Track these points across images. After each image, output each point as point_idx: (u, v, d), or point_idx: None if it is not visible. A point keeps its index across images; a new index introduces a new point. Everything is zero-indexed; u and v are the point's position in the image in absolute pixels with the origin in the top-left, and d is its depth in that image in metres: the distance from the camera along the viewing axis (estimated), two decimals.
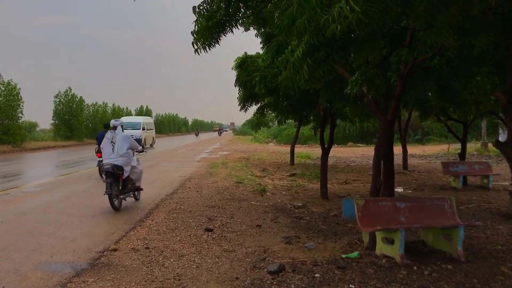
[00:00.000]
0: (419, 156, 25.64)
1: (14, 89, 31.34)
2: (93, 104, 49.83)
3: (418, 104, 12.21)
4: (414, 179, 15.10)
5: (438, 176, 15.81)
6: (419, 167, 19.20)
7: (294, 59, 4.07)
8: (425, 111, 13.78)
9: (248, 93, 12.50)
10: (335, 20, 3.00)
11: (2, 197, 10.45)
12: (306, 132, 39.02)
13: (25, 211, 8.67)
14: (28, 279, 4.91)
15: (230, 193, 11.02)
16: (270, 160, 22.74)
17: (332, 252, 6.00)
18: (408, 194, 11.66)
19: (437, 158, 23.75)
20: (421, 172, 17.44)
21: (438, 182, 14.37)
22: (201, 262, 5.56)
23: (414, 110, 17.01)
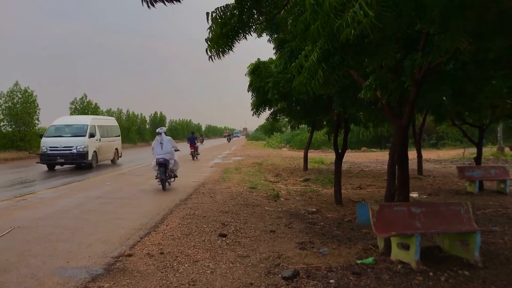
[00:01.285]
0: (434, 161, 25.39)
1: (30, 96, 31.82)
2: (108, 110, 50.37)
3: (433, 108, 12.11)
4: (429, 184, 14.95)
5: (453, 181, 15.64)
6: (434, 172, 19.01)
7: (309, 64, 4.07)
8: (439, 116, 13.66)
9: (261, 99, 12.54)
10: (349, 25, 3.00)
11: (19, 202, 10.60)
12: (319, 137, 38.92)
13: (42, 217, 8.77)
14: (45, 284, 4.97)
15: (244, 199, 11.03)
16: (283, 166, 22.71)
17: (347, 258, 5.96)
18: (423, 199, 11.55)
19: (452, 163, 23.50)
20: (436, 177, 17.27)
21: (454, 187, 14.22)
22: (215, 268, 5.57)
23: (428, 115, 16.88)
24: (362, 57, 4.25)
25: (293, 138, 50.05)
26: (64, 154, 19.71)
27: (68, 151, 19.66)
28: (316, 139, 38.02)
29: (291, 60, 7.60)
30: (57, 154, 19.75)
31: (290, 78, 8.98)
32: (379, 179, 16.30)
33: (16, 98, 31.25)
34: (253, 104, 13.54)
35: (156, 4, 4.71)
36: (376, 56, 4.25)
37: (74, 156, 19.66)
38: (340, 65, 4.06)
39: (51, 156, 19.80)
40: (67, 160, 19.85)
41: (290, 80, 9.08)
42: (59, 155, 19.76)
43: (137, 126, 59.77)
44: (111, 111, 50.78)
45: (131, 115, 57.91)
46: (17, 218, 8.58)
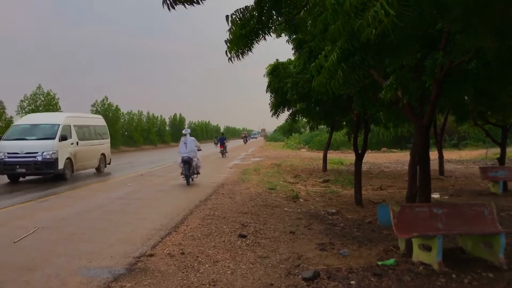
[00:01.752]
0: (456, 161, 25.01)
1: (53, 99, 32.47)
2: (128, 112, 50.99)
3: (454, 108, 11.94)
4: (450, 184, 14.74)
5: (476, 181, 15.37)
6: (456, 173, 18.73)
7: (329, 64, 4.06)
8: (461, 115, 13.46)
9: (280, 99, 12.51)
10: (370, 25, 2.98)
11: (42, 203, 10.80)
12: (338, 138, 38.71)
13: (65, 217, 8.92)
14: (68, 283, 5.05)
15: (263, 199, 11.03)
16: (302, 166, 22.65)
17: (368, 259, 5.91)
18: (445, 200, 11.39)
19: (474, 163, 23.10)
20: (458, 177, 17.01)
21: (476, 187, 13.98)
22: (235, 268, 5.59)
23: (450, 114, 16.65)
24: (383, 56, 4.22)
25: (312, 139, 49.84)
26: (25, 163, 15.23)
27: (31, 158, 15.26)
28: (336, 139, 37.82)
29: (310, 60, 7.58)
30: (16, 163, 15.25)
31: (309, 79, 8.95)
32: (400, 180, 16.12)
33: (39, 101, 31.91)
34: (271, 105, 13.52)
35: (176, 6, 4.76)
36: (397, 55, 4.22)
37: (38, 165, 15.25)
38: (360, 65, 4.04)
39: (8, 164, 15.28)
40: (28, 170, 15.41)
41: (309, 81, 9.05)
42: (18, 164, 15.24)
43: (157, 127, 60.32)
44: (131, 113, 51.36)
45: (151, 117, 58.47)
46: (41, 219, 8.75)
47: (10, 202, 11.08)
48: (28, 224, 8.20)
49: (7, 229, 7.83)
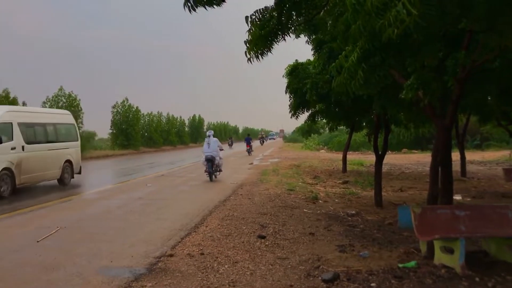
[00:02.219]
0: (478, 163, 24.57)
1: (74, 100, 32.93)
2: (148, 113, 51.43)
3: (477, 108, 11.74)
4: (473, 186, 14.48)
5: (499, 183, 15.07)
6: (479, 174, 18.39)
7: (349, 64, 4.03)
8: (484, 116, 13.23)
9: (299, 100, 12.48)
10: (392, 25, 2.95)
11: (65, 203, 10.99)
12: (358, 139, 38.42)
13: (86, 217, 9.06)
14: (90, 282, 5.12)
15: (282, 200, 11.01)
16: (321, 167, 22.54)
17: (388, 261, 5.85)
18: (468, 202, 11.19)
19: (498, 165, 22.66)
20: (480, 179, 16.71)
21: (500, 189, 13.70)
22: (255, 269, 5.59)
23: (472, 115, 16.37)
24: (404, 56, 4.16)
25: (331, 140, 49.51)
26: None
27: None
28: (355, 140, 37.52)
29: (330, 60, 7.55)
30: None
31: (329, 79, 8.90)
32: (421, 181, 15.91)
33: (61, 103, 32.40)
34: (291, 106, 13.50)
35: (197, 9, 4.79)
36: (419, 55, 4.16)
37: None
38: (381, 65, 3.99)
39: None
40: None
41: (329, 81, 8.99)
42: None
43: (177, 128, 60.72)
44: (151, 114, 51.79)
45: (171, 118, 58.86)
46: (63, 218, 8.89)
47: (33, 202, 11.28)
48: (51, 223, 8.34)
49: (31, 229, 7.98)
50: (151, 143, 49.52)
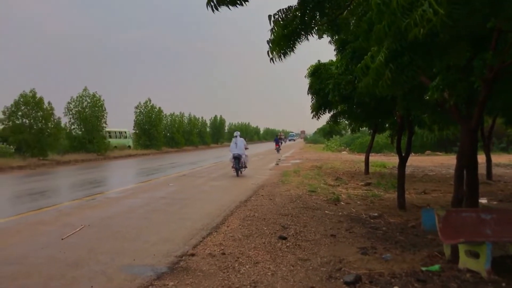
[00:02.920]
0: (505, 166, 24.01)
1: (98, 101, 33.44)
2: (171, 114, 51.88)
3: (504, 110, 11.47)
4: (499, 189, 14.15)
5: None
6: (505, 177, 17.97)
7: (376, 65, 3.97)
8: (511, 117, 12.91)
9: (321, 101, 12.41)
10: (418, 24, 2.90)
11: (89, 202, 11.15)
12: (380, 140, 37.99)
13: (110, 216, 9.17)
14: (113, 280, 5.18)
15: (303, 202, 10.97)
16: (343, 169, 22.36)
17: (411, 264, 5.76)
18: (494, 205, 10.95)
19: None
20: (507, 182, 16.33)
21: None
22: (276, 270, 5.57)
23: (498, 117, 16.01)
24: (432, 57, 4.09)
25: (353, 141, 49.06)
26: None
27: None
28: (378, 142, 37.09)
29: (353, 61, 7.49)
30: None
31: (352, 80, 8.84)
32: (445, 184, 15.64)
33: (85, 103, 32.93)
34: (312, 107, 13.43)
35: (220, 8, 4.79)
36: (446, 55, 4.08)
37: None
38: (409, 66, 3.93)
39: None
40: None
41: (352, 82, 8.94)
42: None
43: (198, 129, 61.09)
44: (173, 115, 52.25)
45: (193, 118, 59.25)
46: (87, 217, 9.03)
47: (58, 200, 11.51)
48: (75, 221, 8.49)
49: (56, 227, 8.13)
50: (173, 143, 49.95)
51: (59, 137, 29.53)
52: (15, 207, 10.55)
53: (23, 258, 6.09)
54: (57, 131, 28.72)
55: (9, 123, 27.08)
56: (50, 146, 27.97)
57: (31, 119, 27.21)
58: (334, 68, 10.66)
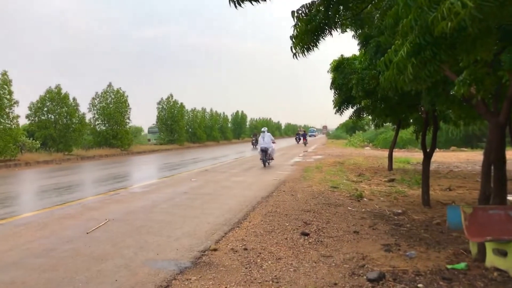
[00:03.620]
0: None
1: (122, 97, 33.92)
2: (192, 109, 52.25)
3: None
4: None
5: None
6: None
7: (398, 59, 3.90)
8: None
9: (344, 96, 12.32)
10: (445, 18, 2.83)
11: (113, 196, 11.32)
12: (404, 136, 37.54)
13: (133, 210, 9.29)
14: (137, 274, 5.25)
15: (325, 198, 10.91)
16: (366, 165, 22.15)
17: (436, 262, 5.67)
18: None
19: None
20: None
21: None
22: (298, 266, 5.56)
23: None
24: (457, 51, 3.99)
25: (377, 137, 48.63)
26: None
27: None
28: (401, 137, 36.66)
29: (377, 55, 7.37)
30: None
31: (376, 74, 8.72)
32: (470, 181, 15.34)
33: (109, 99, 33.44)
34: (335, 102, 13.34)
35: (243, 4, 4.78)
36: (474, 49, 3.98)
37: None
38: (432, 60, 3.84)
39: None
40: None
41: (375, 77, 8.82)
42: None
43: (220, 124, 61.36)
44: (195, 111, 52.61)
45: (214, 114, 59.53)
46: (111, 211, 9.17)
47: (83, 195, 11.72)
48: (100, 216, 8.63)
49: (81, 221, 8.27)
50: (194, 138, 50.34)
51: (83, 133, 30.13)
52: (42, 201, 10.78)
53: (50, 251, 6.22)
54: (82, 126, 29.29)
55: (35, 119, 27.71)
56: (75, 141, 28.54)
57: (57, 114, 27.79)
58: (358, 62, 10.56)
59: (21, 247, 6.45)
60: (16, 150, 22.98)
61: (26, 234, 7.26)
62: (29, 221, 8.30)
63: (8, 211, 9.35)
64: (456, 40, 3.78)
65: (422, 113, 10.66)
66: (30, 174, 19.04)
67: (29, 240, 6.86)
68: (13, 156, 22.75)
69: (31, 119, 27.79)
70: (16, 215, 8.84)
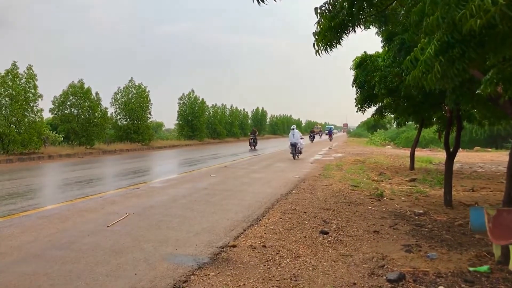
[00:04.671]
0: None
1: (143, 92, 34.21)
2: (213, 105, 52.47)
3: None
4: None
5: None
6: None
7: (425, 57, 3.82)
8: None
9: (366, 94, 12.17)
10: (474, 15, 2.75)
11: (133, 191, 11.43)
12: (427, 135, 37.06)
13: (153, 205, 9.37)
14: (156, 268, 5.28)
15: (345, 196, 10.82)
16: (387, 164, 21.91)
17: (458, 264, 5.56)
18: None
19: None
20: None
21: None
22: (317, 265, 5.52)
23: None
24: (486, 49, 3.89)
25: (398, 136, 48.10)
26: None
27: None
28: (424, 137, 36.18)
29: (400, 53, 7.26)
30: None
31: (399, 72, 8.60)
32: (495, 182, 15.03)
33: (131, 94, 33.78)
34: (357, 100, 13.19)
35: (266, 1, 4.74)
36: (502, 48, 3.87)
37: None
38: (460, 58, 3.75)
39: None
40: None
41: (399, 74, 8.70)
42: None
43: (240, 121, 61.47)
44: (216, 107, 52.81)
45: (234, 110, 59.66)
46: (131, 205, 9.26)
47: (103, 189, 11.87)
48: (120, 210, 8.73)
49: (102, 214, 8.37)
50: (215, 134, 50.56)
51: (105, 127, 30.56)
52: (64, 194, 10.95)
53: (71, 243, 6.32)
54: (104, 121, 29.71)
55: (58, 113, 28.21)
56: (97, 135, 28.98)
57: (79, 109, 28.23)
58: (381, 60, 10.42)
59: (44, 239, 6.56)
60: (40, 143, 23.44)
61: (48, 226, 7.39)
62: (52, 213, 8.45)
63: (31, 203, 9.53)
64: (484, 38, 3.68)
65: (446, 112, 10.47)
66: (53, 167, 19.39)
67: (51, 232, 6.97)
68: (37, 149, 23.22)
69: (54, 113, 28.31)
70: (39, 207, 9.00)
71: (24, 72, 22.82)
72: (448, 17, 3.11)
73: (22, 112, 22.35)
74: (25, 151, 22.42)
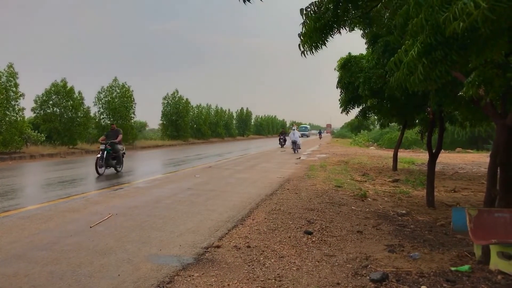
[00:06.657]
0: None
1: (127, 91, 33.93)
2: (198, 105, 52.29)
3: None
4: None
5: None
6: None
7: (408, 59, 3.86)
8: None
9: (350, 95, 12.25)
10: (457, 18, 2.79)
11: (117, 191, 11.33)
12: (409, 136, 37.46)
13: (137, 205, 9.29)
14: (140, 269, 5.24)
15: (329, 197, 10.88)
16: (370, 165, 22.09)
17: (440, 263, 5.63)
18: None
19: None
20: None
21: None
22: (301, 265, 5.54)
23: None
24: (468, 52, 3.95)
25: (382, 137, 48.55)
26: None
27: None
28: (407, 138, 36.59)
29: (385, 55, 7.33)
30: None
31: (383, 74, 8.68)
32: (476, 182, 15.27)
33: (115, 93, 33.47)
34: (341, 101, 13.27)
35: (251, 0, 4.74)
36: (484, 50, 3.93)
37: None
38: (443, 61, 3.80)
39: None
40: None
41: (382, 76, 8.77)
42: None
43: (225, 121, 61.36)
44: (200, 106, 52.65)
45: (219, 110, 59.54)
46: (115, 206, 9.17)
47: (87, 189, 11.74)
48: (103, 210, 8.63)
49: (85, 215, 8.27)
50: (199, 134, 50.39)
51: (88, 126, 30.20)
52: (46, 194, 10.80)
53: (53, 244, 6.23)
54: (87, 120, 29.37)
55: (40, 112, 27.81)
56: (80, 135, 28.65)
57: (62, 108, 27.86)
58: (365, 61, 10.50)
59: (25, 239, 6.46)
60: (21, 143, 23.06)
61: (30, 226, 7.27)
62: (33, 214, 8.32)
63: (12, 203, 9.37)
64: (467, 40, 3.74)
65: (428, 114, 10.58)
66: (35, 166, 19.10)
67: (33, 233, 6.87)
68: (18, 148, 22.84)
69: (36, 112, 27.91)
70: (20, 208, 8.85)
71: (4, 70, 22.43)
72: (432, 20, 3.15)
73: (3, 111, 21.95)
74: (6, 150, 22.04)
